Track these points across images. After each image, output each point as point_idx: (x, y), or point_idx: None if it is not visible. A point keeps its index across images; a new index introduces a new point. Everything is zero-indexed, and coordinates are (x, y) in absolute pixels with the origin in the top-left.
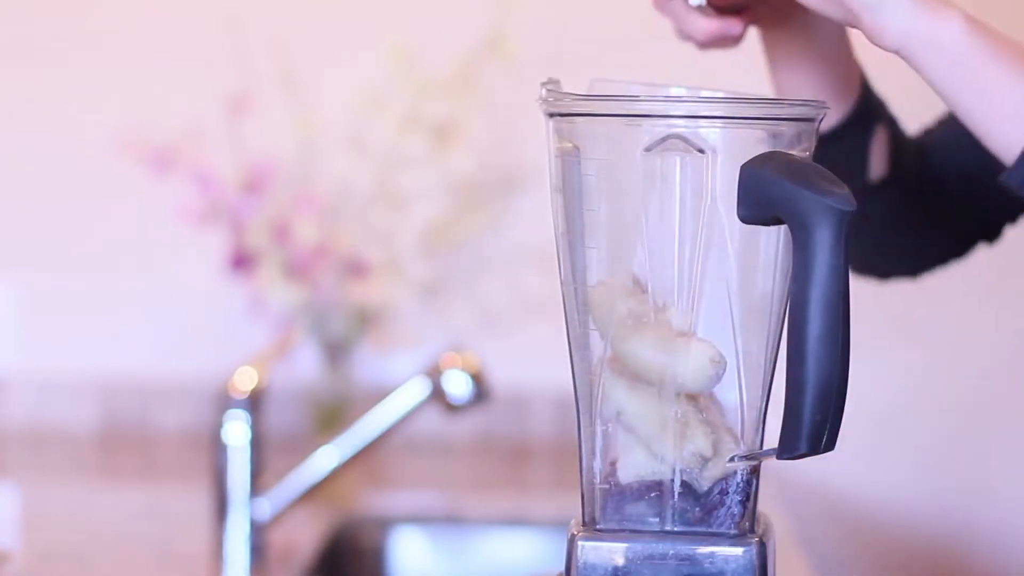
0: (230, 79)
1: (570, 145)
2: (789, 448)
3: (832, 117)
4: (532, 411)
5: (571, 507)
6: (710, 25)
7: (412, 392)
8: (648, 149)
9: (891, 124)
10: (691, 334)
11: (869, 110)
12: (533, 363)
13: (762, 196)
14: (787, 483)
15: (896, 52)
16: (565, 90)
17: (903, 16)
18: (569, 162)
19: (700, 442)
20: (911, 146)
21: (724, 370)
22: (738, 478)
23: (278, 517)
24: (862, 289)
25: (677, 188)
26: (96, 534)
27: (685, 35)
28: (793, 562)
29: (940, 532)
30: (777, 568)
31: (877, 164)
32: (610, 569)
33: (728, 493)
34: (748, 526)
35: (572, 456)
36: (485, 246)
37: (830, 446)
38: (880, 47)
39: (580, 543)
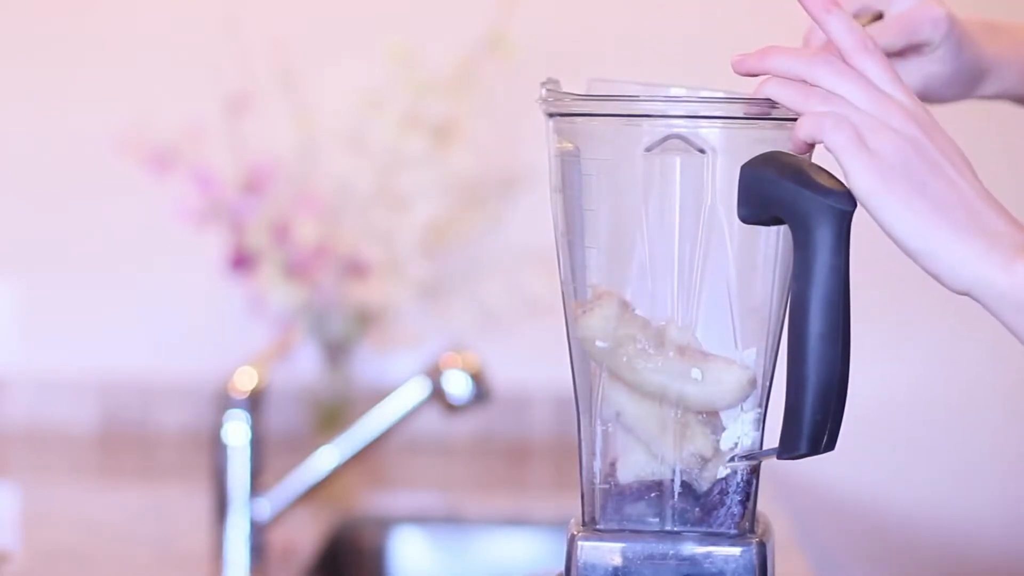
0: (230, 79)
1: (570, 145)
2: (789, 448)
3: None
4: (532, 411)
5: (571, 507)
6: None
7: (412, 392)
8: (648, 149)
9: None
10: (718, 356)
11: None
12: (533, 363)
13: (762, 196)
14: (787, 483)
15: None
16: (565, 90)
17: (967, 269)
18: (569, 162)
19: (700, 443)
20: None
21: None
22: (738, 478)
23: (278, 517)
24: (863, 289)
25: (677, 188)
26: (96, 534)
27: None
28: (793, 562)
29: (940, 532)
30: (777, 568)
31: None
32: (610, 569)
33: (728, 493)
34: (748, 526)
35: (572, 456)
36: (485, 246)
37: (830, 446)
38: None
39: (580, 543)
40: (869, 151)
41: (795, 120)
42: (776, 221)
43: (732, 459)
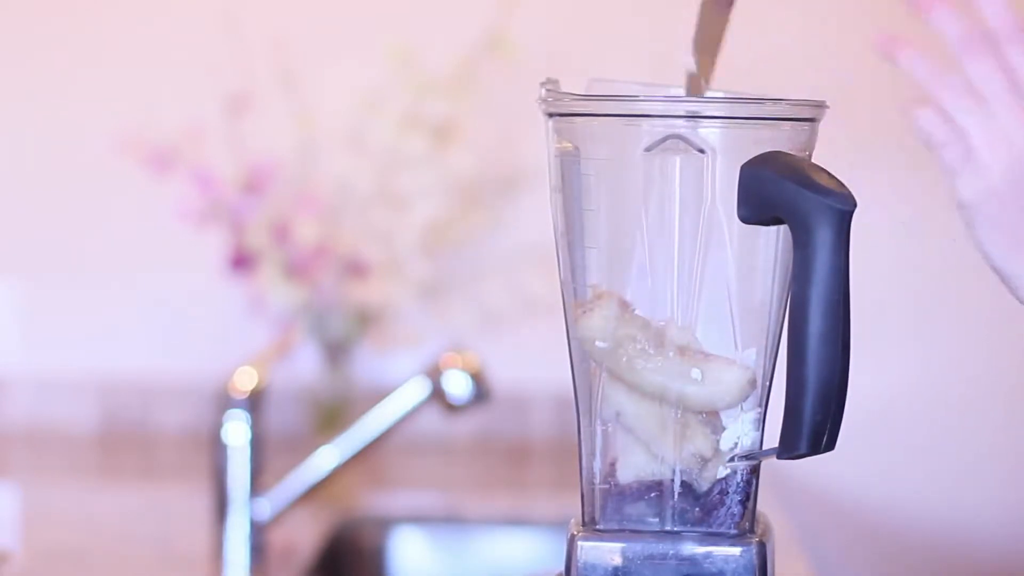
0: (230, 79)
1: (569, 145)
2: (789, 448)
3: None
4: (532, 411)
5: (571, 507)
6: None
7: (412, 392)
8: (648, 149)
9: None
10: (718, 356)
11: None
12: (533, 363)
13: (762, 196)
14: (787, 483)
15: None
16: (565, 90)
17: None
18: (569, 162)
19: (700, 443)
20: None
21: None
22: (738, 478)
23: (278, 517)
24: (863, 289)
25: (677, 188)
26: (96, 534)
27: None
28: (793, 562)
29: (940, 531)
30: (777, 568)
31: None
32: (610, 569)
33: (728, 493)
34: (748, 526)
35: (572, 456)
36: (485, 246)
37: (830, 446)
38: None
39: (580, 543)
40: (976, 166)
41: (794, 120)
42: (776, 221)
43: (732, 459)
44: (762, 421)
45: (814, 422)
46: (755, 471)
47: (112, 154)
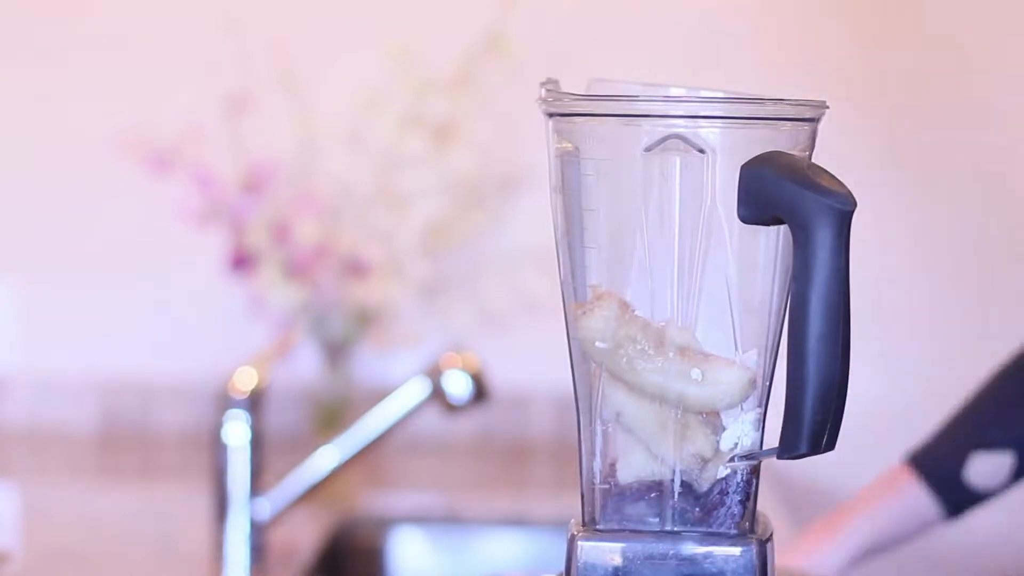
0: (230, 79)
1: (569, 145)
2: (789, 448)
3: None
4: (532, 411)
5: (571, 507)
6: None
7: (412, 392)
8: (648, 149)
9: None
10: (718, 356)
11: None
12: (533, 363)
13: (762, 196)
14: (787, 483)
15: None
16: (565, 90)
17: None
18: (568, 162)
19: (700, 443)
20: None
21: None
22: (738, 478)
23: (278, 517)
24: (863, 288)
25: (677, 188)
26: (96, 534)
27: None
28: None
29: (940, 531)
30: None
31: None
32: (610, 569)
33: (728, 493)
34: (748, 526)
35: (572, 456)
36: (485, 246)
37: (830, 446)
38: None
39: (580, 543)
40: None
41: (794, 120)
42: (776, 221)
43: (732, 459)
44: (762, 421)
45: (814, 422)
46: (755, 471)
47: (112, 154)
